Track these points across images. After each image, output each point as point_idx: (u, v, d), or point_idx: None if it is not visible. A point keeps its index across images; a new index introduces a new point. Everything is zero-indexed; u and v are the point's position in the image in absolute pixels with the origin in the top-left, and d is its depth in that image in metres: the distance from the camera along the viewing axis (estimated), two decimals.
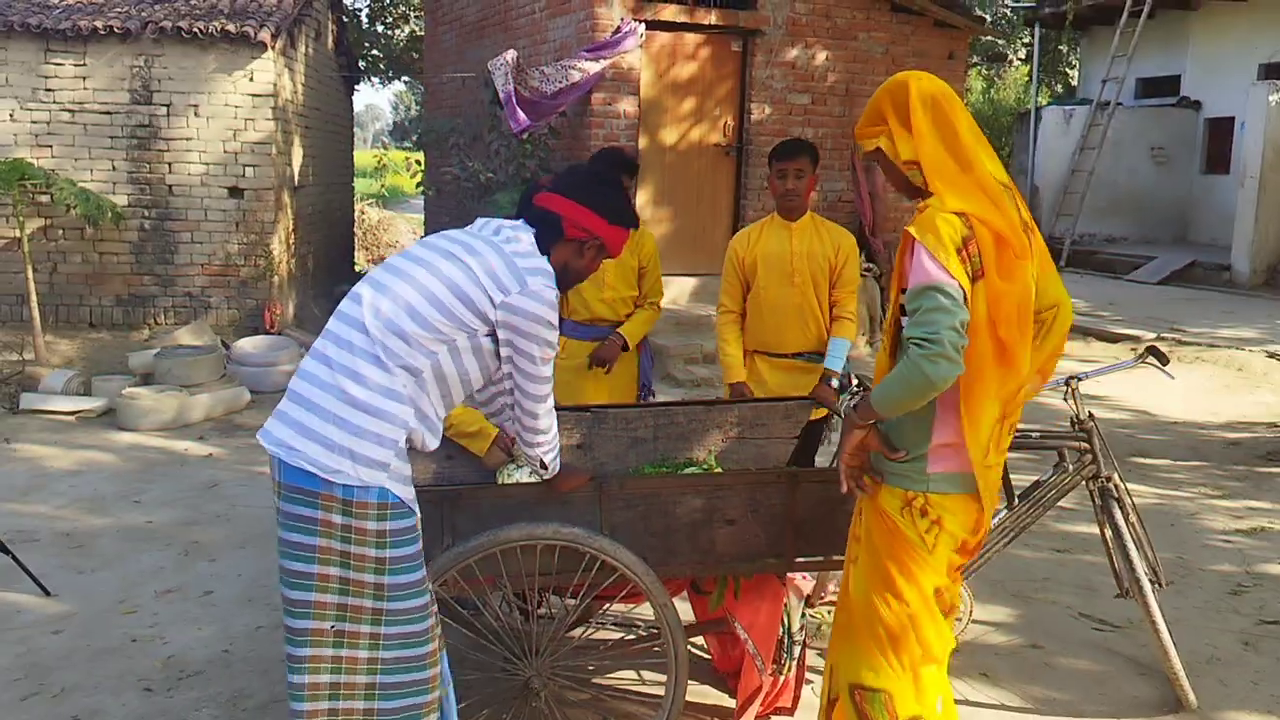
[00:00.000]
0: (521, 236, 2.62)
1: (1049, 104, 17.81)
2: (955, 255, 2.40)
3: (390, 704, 2.45)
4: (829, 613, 4.37)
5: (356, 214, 16.20)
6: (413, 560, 2.46)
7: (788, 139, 4.32)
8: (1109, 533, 3.78)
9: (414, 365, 2.46)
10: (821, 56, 10.18)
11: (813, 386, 4.15)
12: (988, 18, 22.07)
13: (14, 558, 4.43)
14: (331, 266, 12.61)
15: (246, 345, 8.57)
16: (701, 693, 3.70)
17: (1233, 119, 14.95)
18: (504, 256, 2.54)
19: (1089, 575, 4.83)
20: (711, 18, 9.71)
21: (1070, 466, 3.80)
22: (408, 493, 2.48)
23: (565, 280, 2.69)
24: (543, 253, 2.61)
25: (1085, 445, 3.76)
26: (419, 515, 2.51)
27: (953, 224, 2.42)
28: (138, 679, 3.75)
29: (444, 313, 2.47)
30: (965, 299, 2.41)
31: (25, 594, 4.42)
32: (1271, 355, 9.16)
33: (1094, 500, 3.82)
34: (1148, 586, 3.69)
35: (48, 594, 4.42)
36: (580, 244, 2.69)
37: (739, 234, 4.48)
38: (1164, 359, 3.80)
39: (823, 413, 4.14)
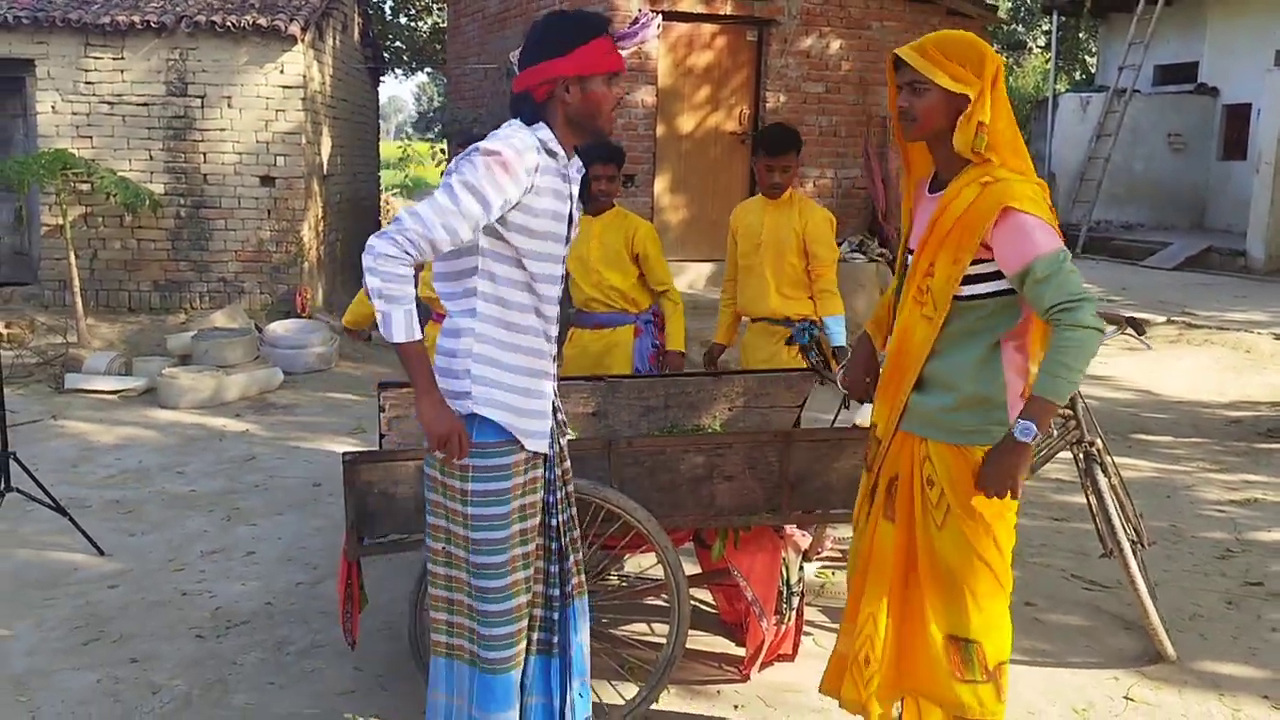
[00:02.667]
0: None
1: (1067, 91, 17.90)
2: (1053, 218, 2.53)
3: (485, 629, 2.64)
4: (834, 572, 4.65)
5: (382, 204, 16.53)
6: (496, 496, 2.58)
7: (775, 133, 4.59)
8: (1092, 496, 4.02)
9: (466, 293, 2.56)
10: (836, 45, 10.39)
11: (771, 348, 4.66)
12: (1005, 4, 22.14)
13: (70, 518, 4.76)
14: (359, 253, 12.89)
15: (278, 328, 8.90)
16: (711, 642, 3.98)
17: (1250, 105, 15.01)
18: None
19: (1084, 541, 5.05)
20: (727, 8, 9.94)
21: (1055, 432, 4.05)
22: (506, 419, 2.54)
23: (587, 129, 2.62)
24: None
25: (1069, 411, 4.00)
26: (519, 453, 2.58)
27: (1039, 191, 2.55)
28: (189, 627, 4.06)
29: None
30: None
31: (81, 554, 4.75)
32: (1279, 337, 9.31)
33: (1078, 464, 4.06)
34: (1127, 546, 3.92)
35: (102, 553, 4.74)
36: (554, 94, 2.56)
37: (735, 208, 4.88)
38: (1140, 329, 4.03)
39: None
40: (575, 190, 2.67)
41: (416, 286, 2.49)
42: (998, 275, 2.58)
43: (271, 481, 5.90)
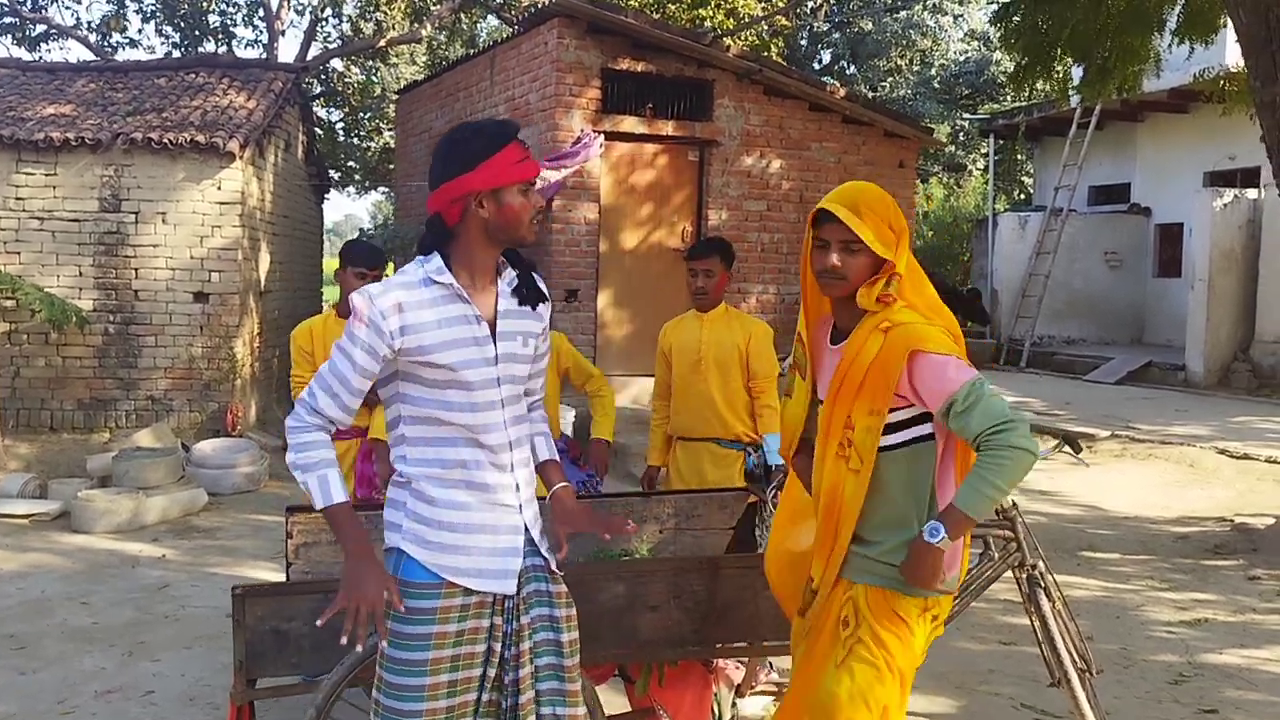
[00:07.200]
0: None
1: (1005, 210, 18.34)
2: (961, 350, 2.54)
3: None
4: (775, 704, 4.39)
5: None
6: (415, 640, 2.39)
7: (701, 240, 4.60)
8: (1036, 621, 3.85)
9: (398, 440, 2.48)
10: (776, 165, 10.54)
11: (721, 472, 4.30)
12: (945, 129, 22.87)
13: None
14: None
15: (206, 447, 8.60)
16: None
17: (1181, 224, 15.44)
18: None
19: (1033, 667, 4.84)
20: (669, 129, 10.08)
21: (996, 555, 3.90)
22: (432, 559, 2.40)
23: (507, 241, 2.47)
24: (443, 251, 2.45)
25: (1010, 534, 3.86)
26: (454, 598, 2.40)
27: (941, 327, 2.55)
28: None
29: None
30: None
31: None
32: (1222, 451, 9.33)
33: (1021, 588, 3.90)
34: (1074, 674, 3.74)
35: None
36: (466, 214, 2.40)
37: (665, 325, 4.71)
38: (1077, 448, 3.93)
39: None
40: (504, 304, 2.51)
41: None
42: (914, 422, 2.59)
43: (182, 612, 5.56)
